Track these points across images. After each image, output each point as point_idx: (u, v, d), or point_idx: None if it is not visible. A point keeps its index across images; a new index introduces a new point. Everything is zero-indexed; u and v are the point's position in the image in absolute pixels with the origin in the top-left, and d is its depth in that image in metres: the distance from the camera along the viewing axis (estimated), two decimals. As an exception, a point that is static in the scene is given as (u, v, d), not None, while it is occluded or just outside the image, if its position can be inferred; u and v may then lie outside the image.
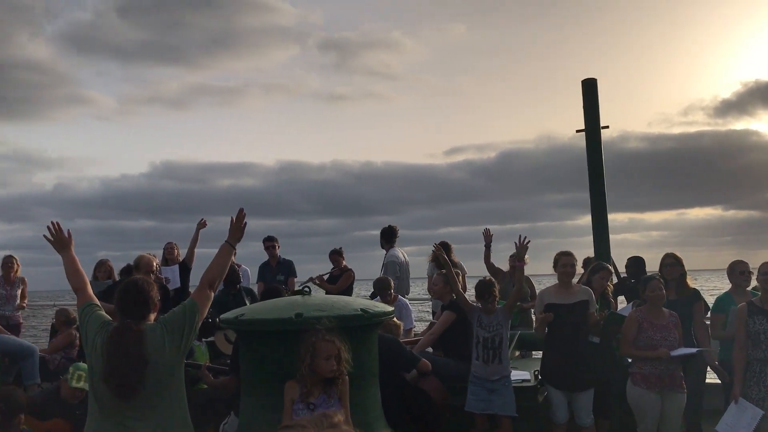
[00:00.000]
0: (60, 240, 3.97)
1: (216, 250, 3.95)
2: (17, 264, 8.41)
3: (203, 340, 6.80)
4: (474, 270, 8.81)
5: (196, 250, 8.65)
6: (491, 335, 5.57)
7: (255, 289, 8.70)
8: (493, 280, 5.96)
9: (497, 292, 5.72)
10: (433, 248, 6.33)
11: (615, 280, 7.47)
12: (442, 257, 6.19)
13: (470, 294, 6.22)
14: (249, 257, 10.43)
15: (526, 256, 6.00)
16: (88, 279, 3.99)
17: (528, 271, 6.36)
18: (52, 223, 3.98)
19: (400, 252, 9.22)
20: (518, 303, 6.57)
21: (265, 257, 9.52)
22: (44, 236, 3.98)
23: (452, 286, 5.96)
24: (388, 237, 9.24)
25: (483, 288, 5.68)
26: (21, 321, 8.63)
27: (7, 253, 8.82)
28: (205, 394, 5.68)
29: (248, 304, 6.98)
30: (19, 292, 8.37)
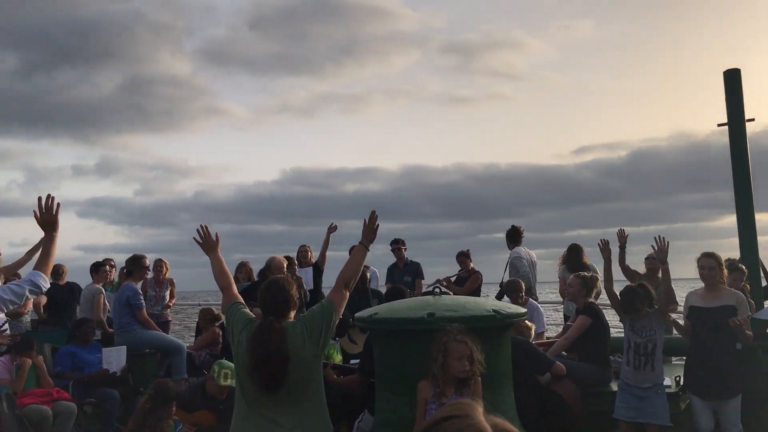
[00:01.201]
0: (208, 242, 4.19)
1: (345, 253, 4.05)
2: (166, 267, 9.01)
3: (336, 339, 7.00)
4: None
5: (327, 252, 8.91)
6: (644, 340, 5.31)
7: (384, 290, 8.84)
8: (646, 284, 5.69)
9: (653, 293, 5.43)
10: (599, 244, 6.11)
11: (765, 282, 6.98)
12: (606, 255, 5.94)
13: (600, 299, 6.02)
14: (377, 259, 10.62)
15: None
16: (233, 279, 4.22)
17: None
18: (201, 226, 4.19)
19: (525, 250, 9.06)
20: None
21: (393, 259, 9.65)
22: (194, 238, 4.22)
23: (606, 286, 5.80)
24: (514, 238, 9.10)
25: (633, 292, 5.40)
26: (170, 319, 9.24)
27: (157, 256, 9.45)
28: (340, 391, 5.83)
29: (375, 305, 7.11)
30: (167, 292, 8.96)
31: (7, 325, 6.85)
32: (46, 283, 3.76)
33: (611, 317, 6.78)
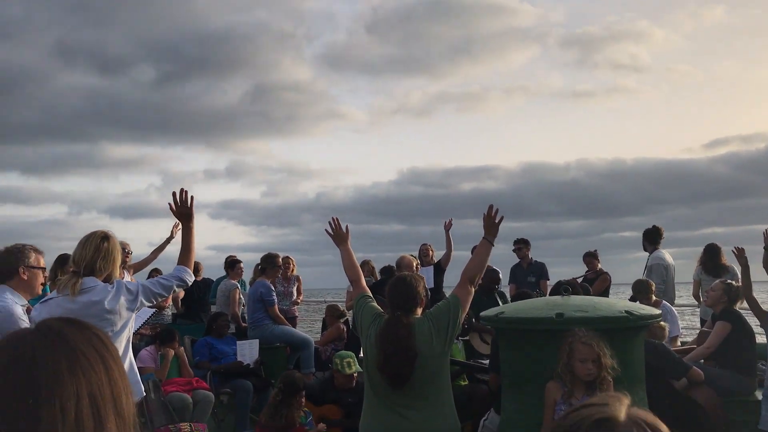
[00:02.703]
0: (339, 234, 4.29)
1: (463, 252, 4.03)
2: (293, 264, 9.33)
3: (459, 338, 6.99)
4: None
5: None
6: None
7: (507, 291, 8.73)
8: None
9: None
10: (734, 251, 5.78)
11: None
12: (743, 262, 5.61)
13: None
14: (498, 259, 10.49)
15: None
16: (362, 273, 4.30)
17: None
18: (333, 219, 4.29)
19: (666, 254, 8.61)
20: None
21: (514, 259, 9.51)
22: (325, 230, 4.33)
23: (746, 292, 5.48)
24: (653, 238, 8.67)
25: None
26: (297, 315, 9.56)
27: (284, 254, 9.80)
28: (465, 390, 5.84)
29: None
30: (294, 288, 9.28)
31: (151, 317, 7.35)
32: (191, 277, 3.97)
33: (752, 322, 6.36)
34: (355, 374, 6.00)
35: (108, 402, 1.02)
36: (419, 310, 3.82)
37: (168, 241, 7.39)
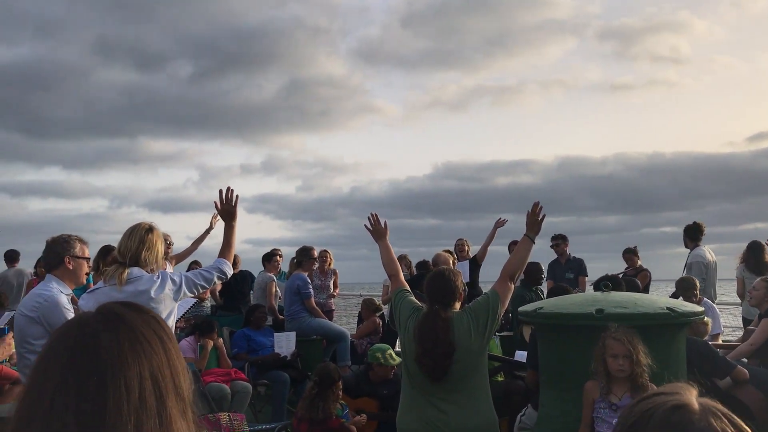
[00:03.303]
0: (378, 230, 4.32)
1: (500, 248, 4.01)
2: (330, 257, 9.38)
3: (497, 334, 6.96)
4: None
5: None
6: None
7: (544, 287, 8.66)
8: None
9: None
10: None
11: None
12: None
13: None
14: (535, 255, 10.38)
15: None
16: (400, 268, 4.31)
17: None
18: (372, 214, 4.32)
19: (707, 251, 8.44)
20: None
21: (553, 255, 9.42)
22: (365, 225, 4.36)
23: None
24: (693, 235, 8.51)
25: None
26: (333, 308, 9.62)
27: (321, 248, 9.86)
28: (501, 386, 5.81)
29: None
30: (331, 282, 9.33)
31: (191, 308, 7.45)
32: (230, 269, 4.03)
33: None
34: (394, 367, 6.03)
35: (168, 382, 1.05)
36: (458, 305, 3.82)
37: (207, 232, 7.48)
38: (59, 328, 1.09)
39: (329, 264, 9.30)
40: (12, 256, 9.91)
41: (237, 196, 4.01)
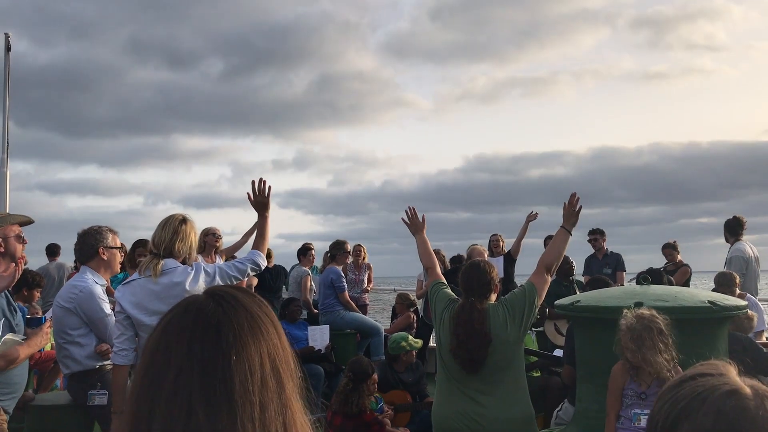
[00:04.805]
0: (415, 223, 4.32)
1: (534, 240, 3.95)
2: (364, 252, 9.38)
3: (533, 329, 6.88)
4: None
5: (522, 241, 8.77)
6: None
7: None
8: None
9: None
10: None
11: None
12: None
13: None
14: (570, 249, 10.23)
15: None
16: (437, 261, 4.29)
17: None
18: (410, 207, 4.33)
19: (748, 246, 8.22)
20: None
21: (590, 250, 9.29)
22: (402, 219, 4.37)
23: None
24: (734, 230, 8.29)
25: None
26: (367, 302, 9.62)
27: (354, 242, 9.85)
28: (537, 381, 5.74)
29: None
30: (365, 276, 9.34)
31: None
32: (264, 261, 4.03)
33: None
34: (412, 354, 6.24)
35: (283, 363, 1.05)
36: (493, 296, 3.79)
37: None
38: (173, 310, 1.06)
39: (363, 258, 9.31)
40: (53, 250, 10.12)
41: (270, 187, 4.00)
